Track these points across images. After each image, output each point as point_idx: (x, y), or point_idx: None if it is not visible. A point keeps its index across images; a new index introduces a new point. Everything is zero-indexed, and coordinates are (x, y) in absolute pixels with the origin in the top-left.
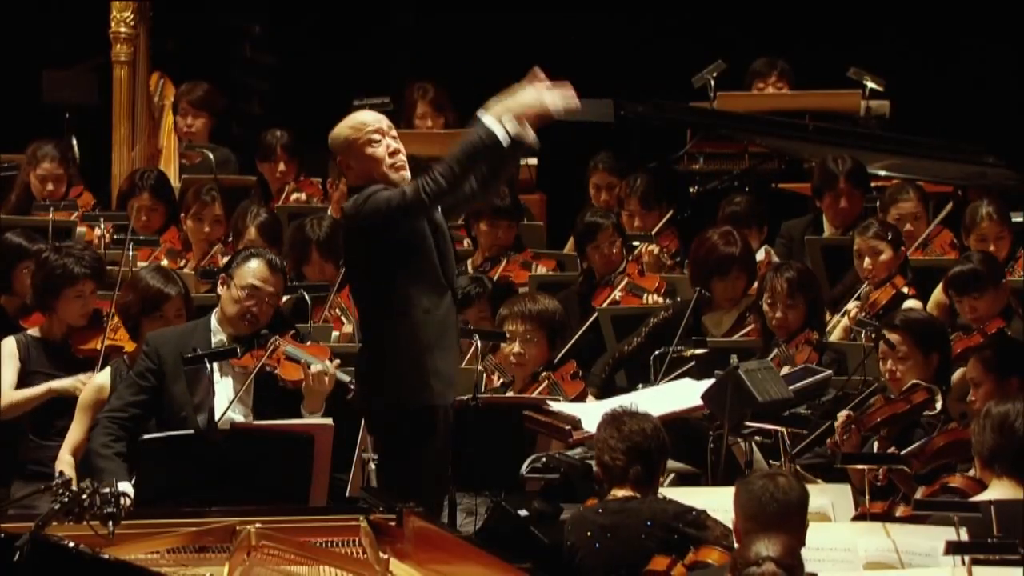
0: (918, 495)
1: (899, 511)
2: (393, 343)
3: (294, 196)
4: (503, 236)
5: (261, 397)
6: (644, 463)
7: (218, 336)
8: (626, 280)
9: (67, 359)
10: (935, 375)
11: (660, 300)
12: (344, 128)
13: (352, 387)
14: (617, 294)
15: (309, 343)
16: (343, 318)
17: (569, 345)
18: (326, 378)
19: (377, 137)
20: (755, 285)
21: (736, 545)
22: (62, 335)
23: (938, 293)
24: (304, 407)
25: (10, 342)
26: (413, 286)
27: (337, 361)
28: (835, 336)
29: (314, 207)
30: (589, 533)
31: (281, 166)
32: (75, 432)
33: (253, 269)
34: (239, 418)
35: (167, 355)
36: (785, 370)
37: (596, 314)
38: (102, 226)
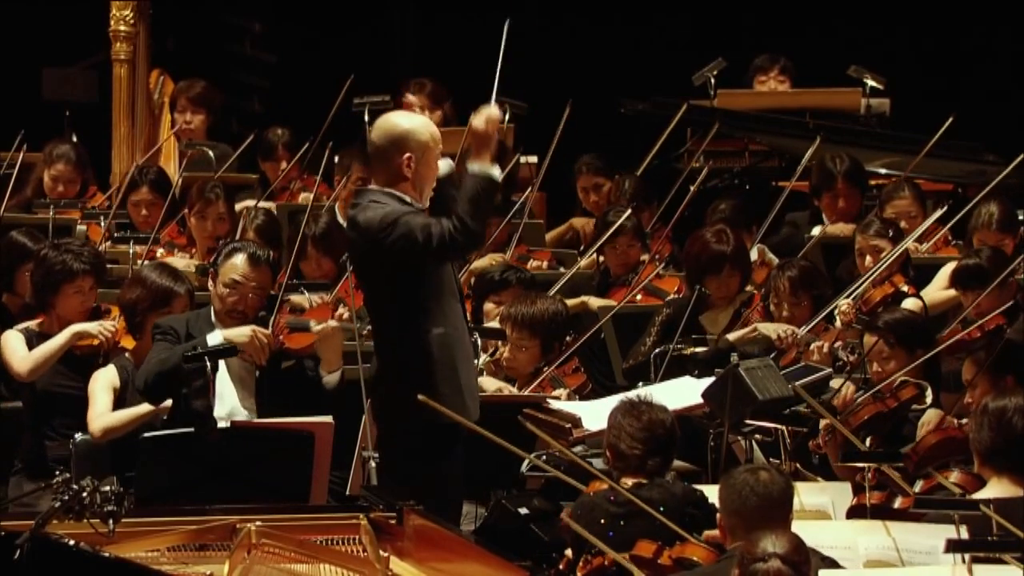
0: (916, 489)
1: (897, 503)
2: (425, 361)
3: (303, 196)
4: (499, 234)
5: (266, 390)
6: (662, 454)
7: (216, 328)
8: (645, 281)
9: (66, 356)
10: (922, 371)
11: None
12: (423, 131)
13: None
14: (638, 296)
15: (309, 308)
16: (340, 306)
17: (577, 346)
18: (331, 332)
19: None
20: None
21: (721, 543)
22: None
23: (945, 278)
24: (323, 368)
25: (16, 333)
26: (437, 301)
27: (340, 313)
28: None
29: (320, 205)
30: (603, 521)
31: (283, 164)
32: (100, 402)
33: (235, 264)
34: (246, 414)
35: (180, 332)
36: (817, 353)
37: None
38: (103, 223)
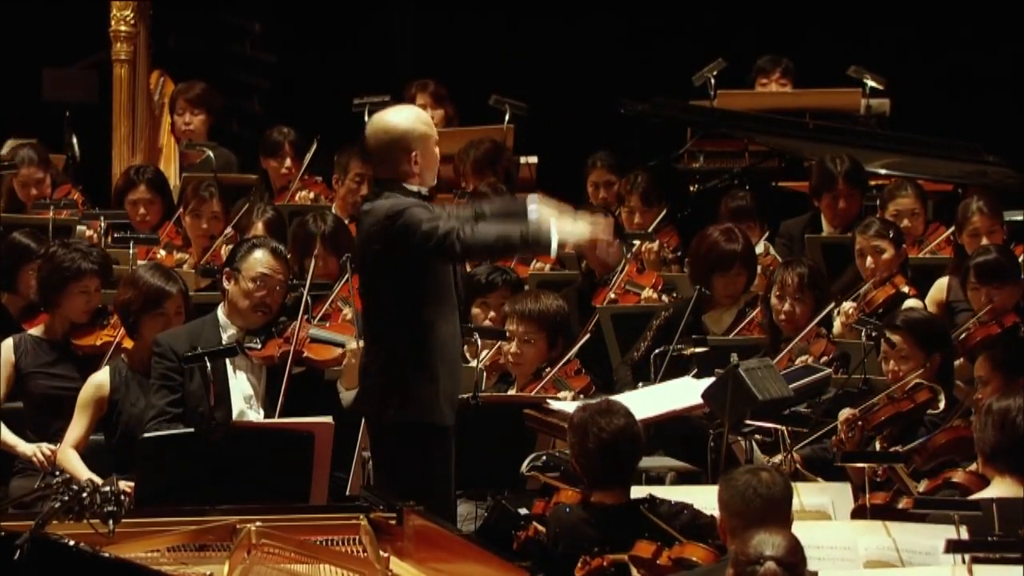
0: (921, 489)
1: (902, 503)
2: (418, 360)
3: (300, 194)
4: None
5: (276, 390)
6: (619, 461)
7: (228, 331)
8: (624, 277)
9: (68, 356)
10: (938, 374)
11: (656, 297)
12: (418, 123)
13: None
14: (612, 293)
15: (328, 324)
16: (342, 306)
17: (576, 349)
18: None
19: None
20: (755, 283)
21: (722, 542)
22: (63, 332)
23: (938, 292)
24: (342, 384)
25: (7, 345)
26: (436, 306)
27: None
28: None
29: (319, 205)
30: (585, 546)
31: (288, 162)
32: (75, 430)
33: (260, 259)
34: (255, 415)
35: (182, 352)
36: (803, 361)
37: (596, 314)
38: (103, 223)
